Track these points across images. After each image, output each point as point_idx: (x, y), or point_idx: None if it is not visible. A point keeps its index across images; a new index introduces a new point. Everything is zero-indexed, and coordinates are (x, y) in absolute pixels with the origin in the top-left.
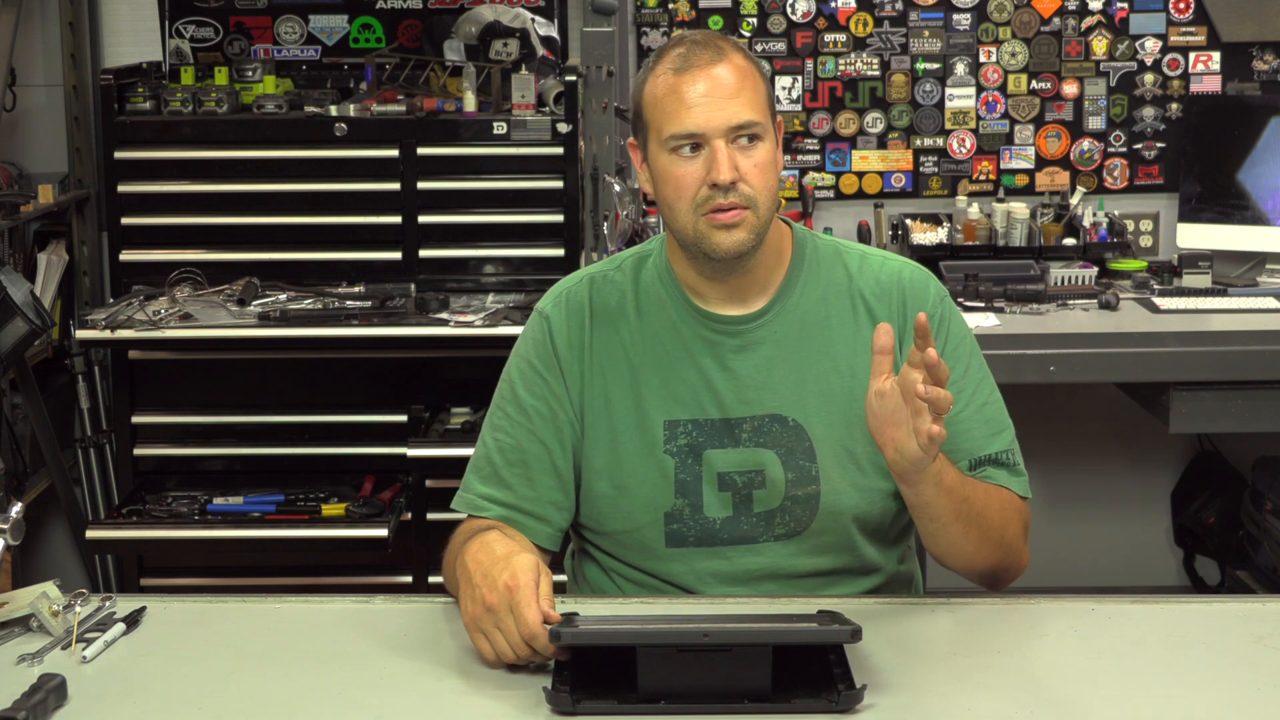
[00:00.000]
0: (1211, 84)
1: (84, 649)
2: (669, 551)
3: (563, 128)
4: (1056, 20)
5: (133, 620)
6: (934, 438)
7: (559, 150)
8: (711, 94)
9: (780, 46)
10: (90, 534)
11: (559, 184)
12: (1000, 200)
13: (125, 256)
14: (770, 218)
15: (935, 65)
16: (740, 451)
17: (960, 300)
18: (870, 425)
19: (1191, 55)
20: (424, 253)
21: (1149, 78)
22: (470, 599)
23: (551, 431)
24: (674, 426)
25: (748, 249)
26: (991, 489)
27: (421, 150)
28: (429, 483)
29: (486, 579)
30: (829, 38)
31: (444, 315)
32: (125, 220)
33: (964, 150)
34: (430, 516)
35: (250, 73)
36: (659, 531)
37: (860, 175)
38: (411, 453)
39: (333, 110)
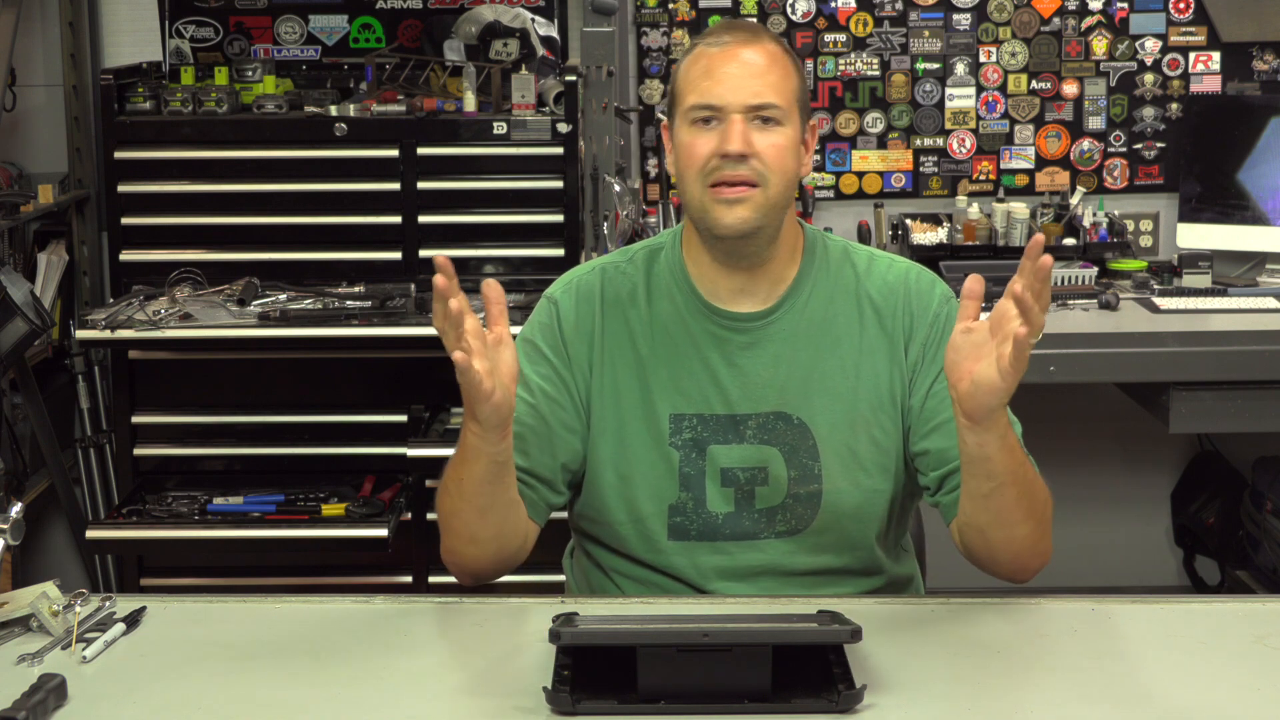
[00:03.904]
0: (1211, 84)
1: (84, 649)
2: (671, 544)
3: (563, 128)
4: (1056, 20)
5: (133, 620)
6: (1020, 340)
7: (559, 150)
8: (737, 72)
9: None
10: (90, 534)
11: (559, 184)
12: (1000, 200)
13: (125, 256)
14: (780, 203)
15: (935, 65)
16: (744, 448)
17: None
18: (948, 362)
19: (1191, 55)
20: (424, 253)
21: (1149, 78)
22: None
23: (550, 409)
24: (679, 420)
25: (751, 228)
26: (1032, 466)
27: (421, 150)
28: (429, 483)
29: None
30: (829, 38)
31: None
32: (125, 220)
33: (964, 150)
34: (430, 516)
35: (250, 73)
36: (662, 523)
37: (860, 175)
38: (411, 453)
39: (333, 110)
